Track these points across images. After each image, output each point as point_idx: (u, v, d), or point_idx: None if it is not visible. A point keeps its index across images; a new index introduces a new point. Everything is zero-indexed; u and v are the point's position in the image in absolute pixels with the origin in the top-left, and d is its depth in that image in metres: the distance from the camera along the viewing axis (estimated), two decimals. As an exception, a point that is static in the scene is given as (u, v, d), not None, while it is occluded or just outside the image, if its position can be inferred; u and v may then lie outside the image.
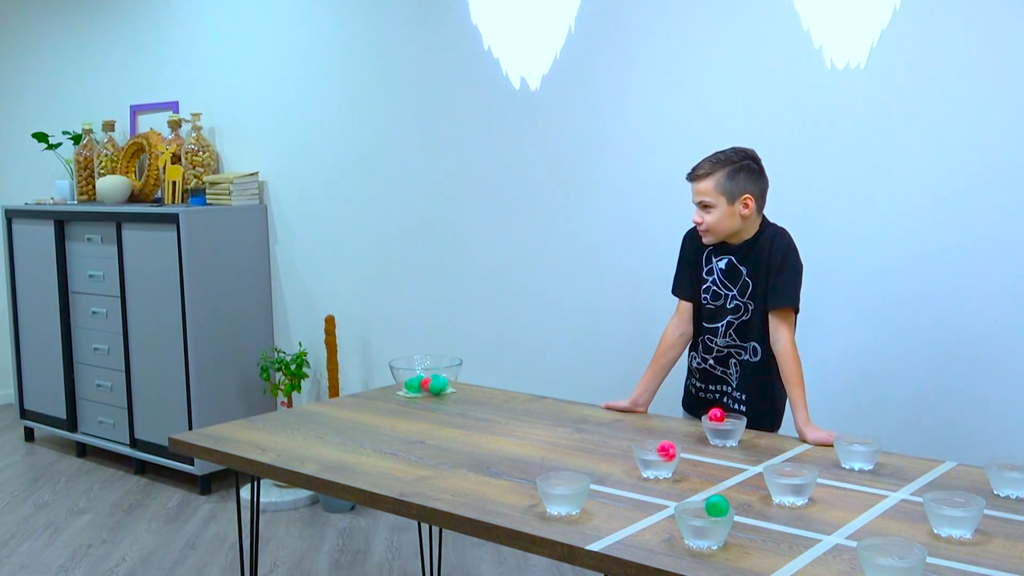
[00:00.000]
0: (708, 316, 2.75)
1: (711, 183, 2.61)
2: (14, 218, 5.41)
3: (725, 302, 2.69)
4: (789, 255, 2.63)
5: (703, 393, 2.81)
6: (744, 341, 2.68)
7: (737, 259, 2.67)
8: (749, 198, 2.61)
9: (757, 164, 2.65)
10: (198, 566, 3.75)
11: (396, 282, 4.45)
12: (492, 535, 1.97)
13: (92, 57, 5.69)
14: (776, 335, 2.60)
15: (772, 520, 1.94)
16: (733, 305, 2.68)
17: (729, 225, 2.63)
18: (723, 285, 2.70)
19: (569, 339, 3.90)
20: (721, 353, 2.73)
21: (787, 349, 2.58)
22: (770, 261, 2.62)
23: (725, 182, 2.60)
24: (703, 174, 2.63)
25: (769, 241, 2.64)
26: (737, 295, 2.67)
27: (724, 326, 2.70)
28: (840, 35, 2.23)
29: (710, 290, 2.73)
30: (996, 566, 1.71)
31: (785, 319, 2.60)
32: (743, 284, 2.66)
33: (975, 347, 2.96)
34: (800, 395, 2.54)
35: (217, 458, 2.58)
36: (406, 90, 4.31)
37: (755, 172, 2.64)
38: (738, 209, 2.61)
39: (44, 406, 5.37)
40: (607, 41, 3.64)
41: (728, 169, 2.61)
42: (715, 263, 2.72)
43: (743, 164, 2.62)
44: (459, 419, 2.80)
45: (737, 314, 2.68)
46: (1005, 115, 2.86)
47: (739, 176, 2.61)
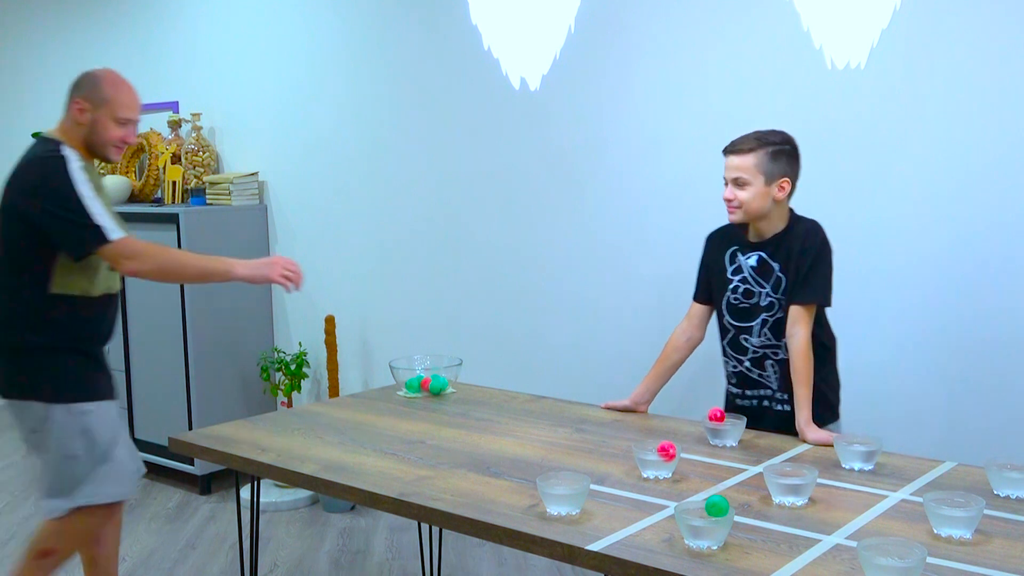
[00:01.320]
0: (740, 315, 2.67)
1: (752, 160, 2.55)
2: (14, 218, 5.41)
3: (759, 299, 2.62)
4: (824, 250, 2.58)
5: (742, 400, 2.72)
6: (780, 339, 2.61)
7: (768, 254, 2.61)
8: (787, 182, 2.56)
9: (796, 151, 2.60)
10: (198, 566, 3.75)
11: (396, 282, 4.45)
12: (492, 535, 1.97)
13: (92, 57, 5.69)
14: (794, 329, 2.54)
15: (772, 520, 1.95)
16: (767, 302, 2.61)
17: (760, 206, 2.57)
18: (755, 282, 2.63)
19: (569, 339, 3.90)
20: (757, 354, 2.66)
21: (802, 346, 2.52)
22: (803, 255, 2.56)
23: (767, 161, 2.54)
24: (746, 149, 2.56)
25: (803, 235, 2.58)
26: (771, 292, 2.60)
27: (759, 324, 2.63)
28: (840, 35, 2.23)
29: (740, 289, 2.66)
30: (996, 566, 1.71)
31: (807, 314, 2.54)
32: (776, 280, 2.60)
33: (975, 347, 2.96)
34: (805, 394, 2.52)
35: (217, 458, 2.58)
36: (406, 90, 4.31)
37: (794, 158, 2.59)
38: (773, 191, 2.55)
39: (44, 406, 5.36)
40: (607, 41, 3.64)
41: (772, 149, 2.55)
42: (743, 260, 2.65)
43: (785, 147, 2.57)
44: (459, 419, 2.80)
45: (772, 311, 2.61)
46: (1005, 115, 2.86)
47: (780, 158, 2.56)
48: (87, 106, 2.76)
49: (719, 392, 3.01)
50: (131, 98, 2.81)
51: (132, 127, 2.80)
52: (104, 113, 2.75)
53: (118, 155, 2.83)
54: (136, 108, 2.81)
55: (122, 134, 2.77)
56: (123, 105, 2.77)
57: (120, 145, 2.78)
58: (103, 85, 2.79)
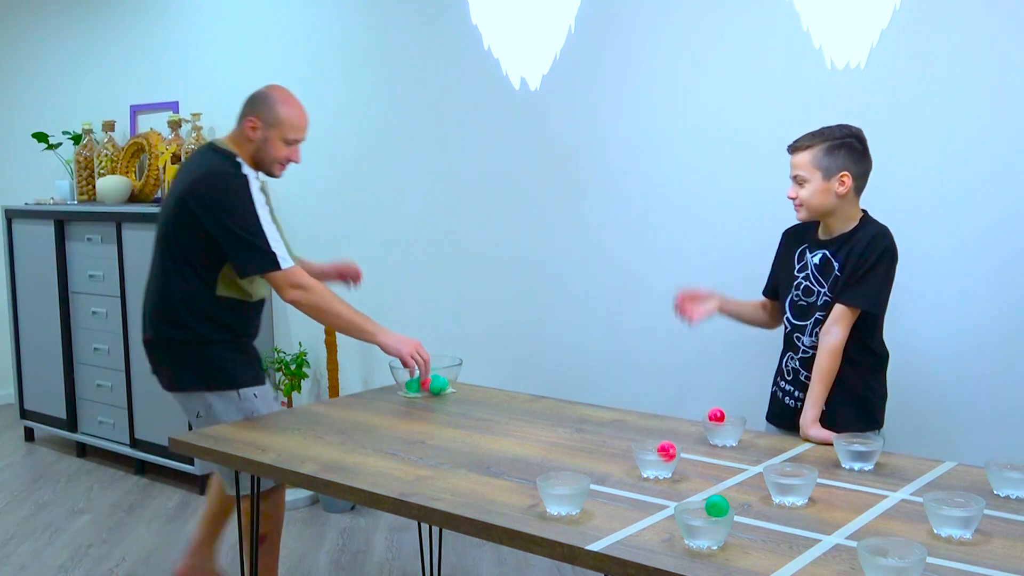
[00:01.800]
0: (799, 313, 2.66)
1: (807, 156, 2.54)
2: (14, 218, 5.41)
3: (816, 298, 2.60)
4: (884, 257, 2.53)
5: (791, 400, 2.70)
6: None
7: (831, 252, 2.58)
8: (846, 175, 2.52)
9: (861, 143, 2.56)
10: (200, 566, 3.75)
11: (396, 282, 4.45)
12: (492, 535, 1.97)
13: (92, 57, 5.69)
14: (832, 327, 2.51)
15: (772, 520, 1.94)
16: (823, 302, 2.59)
17: (822, 201, 2.55)
18: (816, 281, 2.61)
19: (569, 339, 3.90)
20: (807, 355, 2.64)
21: (834, 347, 2.50)
22: (863, 257, 2.52)
23: (822, 157, 2.53)
24: (802, 146, 2.56)
25: (868, 238, 2.54)
26: (828, 292, 2.58)
27: (812, 324, 2.62)
28: (840, 35, 2.23)
29: (802, 286, 2.64)
30: (996, 566, 1.71)
31: (849, 316, 2.51)
32: (834, 280, 2.57)
33: (975, 346, 2.96)
34: (819, 392, 2.51)
35: (217, 458, 2.58)
36: (406, 90, 4.31)
37: (857, 151, 2.55)
38: (833, 186, 2.53)
39: (44, 406, 5.37)
40: (607, 41, 3.64)
41: (827, 144, 2.53)
42: (809, 258, 2.64)
43: (845, 141, 2.54)
44: (459, 419, 2.80)
45: (826, 311, 2.57)
46: (1005, 114, 2.86)
47: (838, 152, 2.53)
48: (259, 124, 2.91)
49: (719, 392, 3.02)
50: (301, 119, 2.94)
51: (293, 146, 2.95)
52: (275, 133, 2.90)
53: (281, 172, 2.98)
54: (304, 128, 2.96)
55: (288, 153, 2.93)
56: (293, 127, 2.92)
57: (285, 163, 2.96)
58: (277, 106, 2.92)
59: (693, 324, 2.81)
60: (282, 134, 2.90)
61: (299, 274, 2.87)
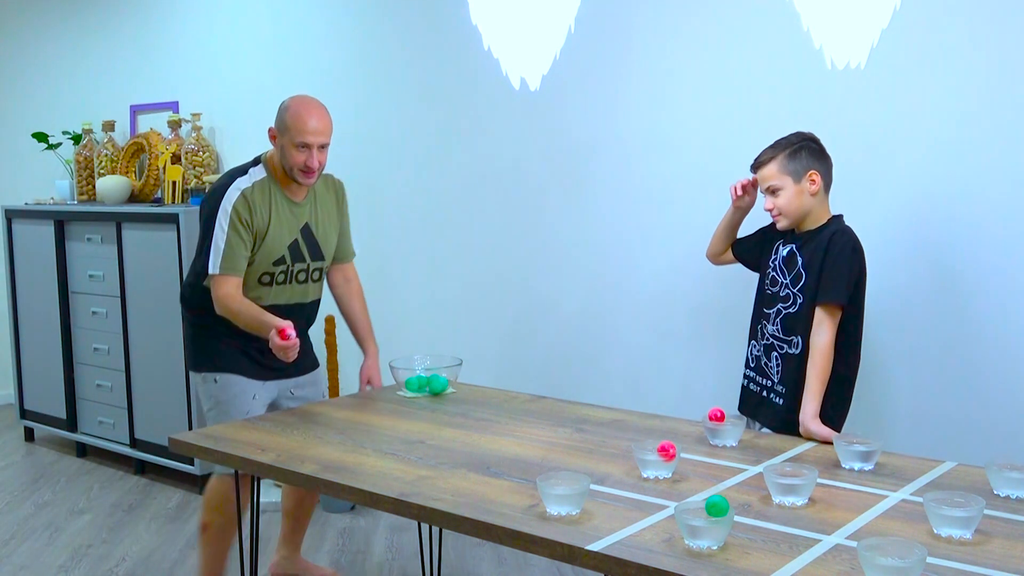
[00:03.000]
0: (765, 302, 2.77)
1: (774, 167, 2.66)
2: (14, 218, 5.41)
3: (779, 289, 2.71)
4: (845, 252, 2.61)
5: (753, 385, 2.81)
6: (788, 334, 2.68)
7: (797, 247, 2.70)
8: (815, 174, 2.64)
9: (817, 144, 2.69)
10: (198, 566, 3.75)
11: (396, 282, 4.45)
12: (492, 535, 1.97)
13: (92, 57, 5.69)
14: (818, 329, 2.58)
15: (772, 520, 1.94)
16: (784, 293, 2.69)
17: (800, 204, 2.66)
18: (781, 272, 2.72)
19: (569, 339, 3.90)
20: (767, 342, 2.75)
21: (823, 346, 2.56)
22: (826, 256, 2.61)
23: (788, 163, 2.64)
24: (765, 160, 2.68)
25: (830, 236, 2.64)
26: (790, 284, 2.69)
27: (774, 314, 2.72)
28: (840, 35, 2.23)
29: (769, 275, 2.76)
30: (996, 566, 1.71)
31: (829, 316, 2.58)
32: (796, 274, 2.68)
33: (975, 347, 2.96)
34: (816, 389, 2.55)
35: (217, 458, 2.58)
36: (406, 90, 4.31)
37: (816, 151, 2.68)
38: (806, 187, 2.64)
39: (44, 406, 5.37)
40: (607, 41, 3.64)
41: (788, 150, 2.66)
42: (781, 250, 2.75)
43: (803, 144, 2.67)
44: (459, 419, 2.80)
45: (787, 303, 2.69)
46: (1005, 115, 2.86)
47: (800, 155, 2.65)
48: (276, 133, 3.02)
49: (719, 392, 3.02)
50: (304, 123, 2.93)
51: (307, 150, 2.94)
52: (286, 139, 2.96)
53: (306, 179, 3.00)
54: (309, 132, 2.93)
55: (303, 158, 2.94)
56: (298, 131, 2.93)
57: (304, 169, 2.96)
58: (286, 113, 2.99)
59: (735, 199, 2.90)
60: (291, 139, 2.94)
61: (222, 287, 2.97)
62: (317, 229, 3.14)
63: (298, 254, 3.10)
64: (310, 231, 3.12)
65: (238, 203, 2.97)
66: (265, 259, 3.03)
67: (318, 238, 3.14)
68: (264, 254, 3.02)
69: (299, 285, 3.14)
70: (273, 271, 3.07)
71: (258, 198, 3.00)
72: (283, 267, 3.07)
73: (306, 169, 2.96)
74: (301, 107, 2.98)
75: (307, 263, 3.13)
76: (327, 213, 3.18)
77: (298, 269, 3.11)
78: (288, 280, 3.10)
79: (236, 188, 2.99)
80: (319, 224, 3.15)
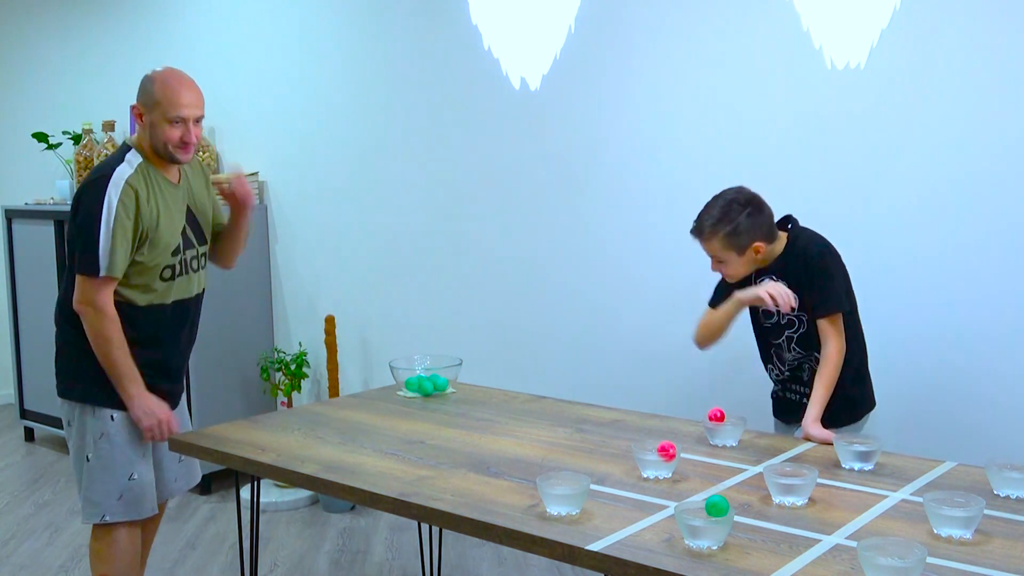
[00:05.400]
0: (769, 334, 2.74)
1: (717, 244, 2.59)
2: (14, 218, 5.41)
3: (779, 319, 2.68)
4: (824, 259, 2.61)
5: (791, 394, 2.79)
6: (808, 351, 2.67)
7: (775, 277, 2.64)
8: (759, 244, 2.59)
9: (754, 204, 2.59)
10: (198, 566, 3.75)
11: (396, 282, 4.45)
12: (492, 535, 1.97)
13: (92, 57, 5.69)
14: (826, 341, 2.58)
15: (772, 520, 1.94)
16: (786, 321, 2.67)
17: (747, 269, 2.64)
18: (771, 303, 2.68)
19: (569, 339, 3.90)
20: (793, 364, 2.73)
21: (831, 354, 2.56)
22: (809, 272, 2.59)
23: (729, 241, 2.58)
24: (707, 236, 2.60)
25: (802, 251, 2.62)
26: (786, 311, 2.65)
27: (786, 341, 2.70)
28: (840, 35, 2.23)
29: (760, 310, 2.71)
30: (996, 566, 1.71)
31: (833, 325, 2.58)
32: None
33: (975, 347, 2.96)
34: (822, 394, 2.55)
35: (217, 458, 2.58)
36: (406, 90, 4.31)
37: (755, 215, 2.58)
38: (750, 256, 2.61)
39: (44, 406, 5.36)
40: (607, 41, 3.64)
41: (728, 229, 2.56)
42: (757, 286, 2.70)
43: (741, 219, 2.56)
44: (459, 419, 2.80)
45: (793, 328, 2.67)
46: (1004, 115, 2.86)
47: (739, 231, 2.57)
48: (142, 109, 2.75)
49: (720, 393, 3.02)
50: (177, 95, 2.70)
51: (181, 126, 2.70)
52: (157, 115, 2.70)
53: (184, 155, 2.74)
54: (183, 105, 2.70)
55: (179, 133, 2.70)
56: (171, 103, 2.69)
57: (181, 145, 2.72)
58: (152, 86, 2.73)
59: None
60: (164, 114, 2.68)
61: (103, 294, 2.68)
62: (197, 210, 2.87)
63: (188, 240, 2.84)
64: (192, 214, 2.85)
65: (124, 195, 2.65)
66: (164, 251, 2.75)
67: (199, 220, 2.88)
68: (163, 246, 2.74)
69: (194, 274, 2.88)
70: (173, 263, 2.79)
71: (143, 186, 2.69)
72: (180, 257, 2.81)
73: (183, 144, 2.71)
74: (171, 79, 2.73)
75: (196, 248, 2.87)
76: (200, 193, 2.91)
77: (190, 256, 2.85)
78: (184, 271, 2.83)
79: (119, 178, 2.67)
80: (197, 205, 2.88)
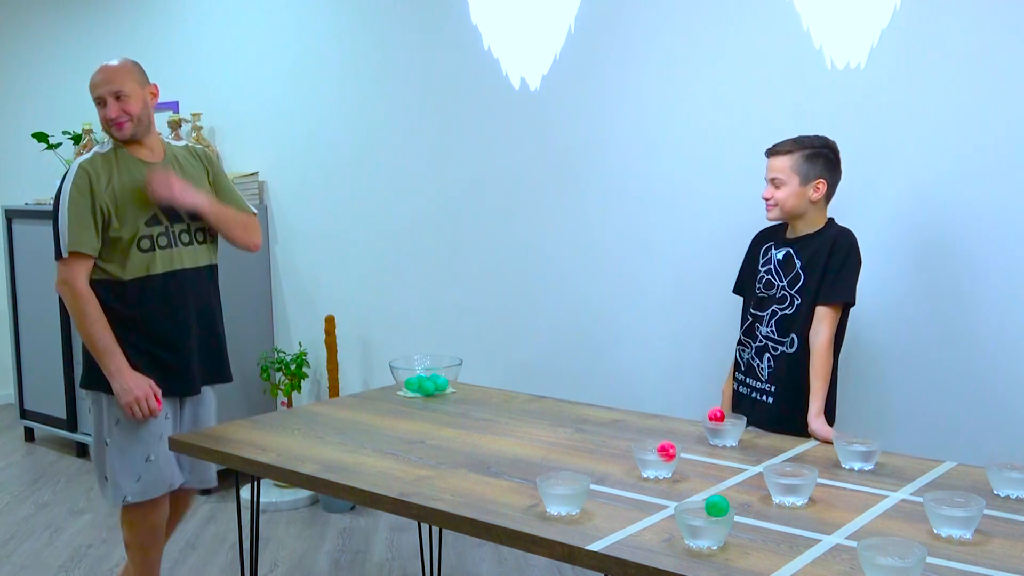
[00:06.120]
0: (759, 304, 2.79)
1: (788, 161, 2.66)
2: (14, 218, 5.41)
3: (775, 291, 2.72)
4: (852, 254, 2.65)
5: (743, 388, 2.83)
6: (783, 335, 2.71)
7: (794, 250, 2.71)
8: (822, 182, 2.66)
9: (835, 155, 2.70)
10: (198, 566, 3.75)
11: (396, 282, 4.45)
12: (492, 535, 1.97)
13: (93, 57, 5.66)
14: (817, 328, 2.62)
15: (772, 520, 1.95)
16: (781, 295, 2.71)
17: (796, 204, 2.67)
18: (777, 275, 2.73)
19: (569, 339, 3.90)
20: (760, 343, 2.76)
21: (823, 344, 2.60)
22: (830, 258, 2.64)
23: (802, 163, 2.65)
24: (783, 151, 2.68)
25: (832, 239, 2.67)
26: (787, 286, 2.70)
27: (768, 315, 2.73)
28: (840, 35, 2.23)
29: (763, 279, 2.77)
30: (996, 566, 1.71)
31: (830, 315, 2.62)
32: (795, 275, 2.69)
33: (975, 347, 2.96)
34: (819, 387, 2.58)
35: (217, 458, 2.58)
36: (406, 90, 4.31)
37: (832, 161, 2.69)
38: (808, 192, 2.66)
39: (44, 406, 5.37)
40: (607, 41, 3.64)
41: (808, 151, 2.66)
42: (774, 253, 2.77)
43: (823, 151, 2.67)
44: (459, 419, 2.80)
45: (783, 304, 2.70)
46: (1005, 115, 2.86)
47: (817, 160, 2.66)
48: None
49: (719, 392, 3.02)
50: (92, 81, 2.93)
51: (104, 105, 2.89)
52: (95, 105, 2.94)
53: (119, 132, 2.91)
54: (97, 85, 2.91)
55: (103, 114, 2.90)
56: (91, 89, 2.93)
57: (109, 122, 2.90)
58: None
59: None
60: (93, 101, 2.92)
61: (74, 271, 2.84)
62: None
63: (174, 213, 2.92)
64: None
65: (76, 178, 2.85)
66: (133, 223, 2.86)
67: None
68: (131, 218, 2.86)
69: (185, 247, 2.96)
70: (151, 233, 2.90)
71: (99, 165, 2.88)
72: (160, 228, 2.91)
73: (110, 122, 2.88)
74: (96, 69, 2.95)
75: (186, 222, 2.96)
76: (192, 176, 2.99)
77: (179, 229, 2.95)
78: (172, 243, 2.93)
79: (75, 165, 2.90)
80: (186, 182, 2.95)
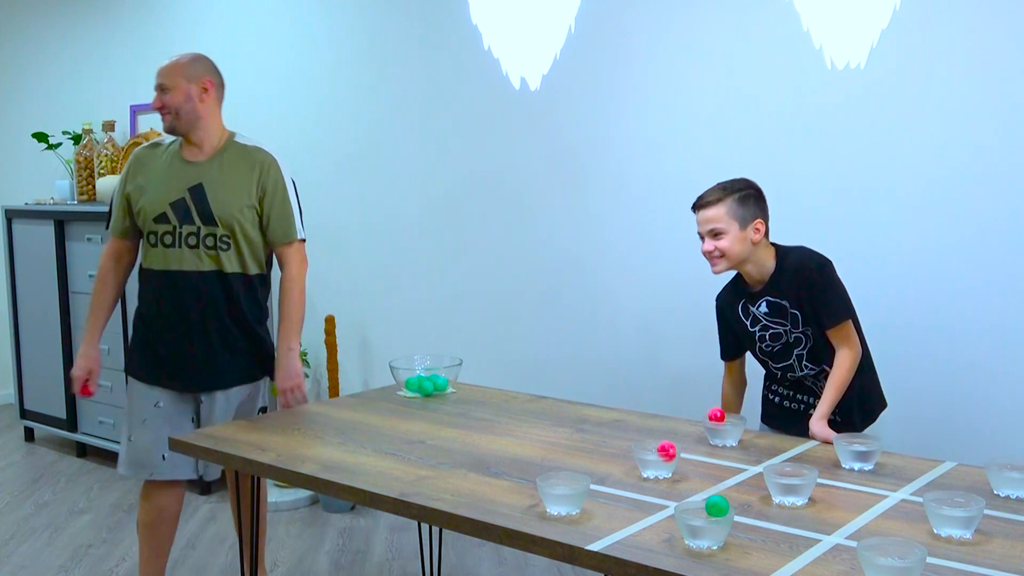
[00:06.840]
0: (777, 357, 2.72)
1: (722, 208, 2.59)
2: (14, 218, 5.41)
3: (787, 338, 2.67)
4: (824, 272, 2.61)
5: (791, 403, 2.78)
6: (819, 364, 2.68)
7: (773, 296, 2.65)
8: (760, 222, 2.61)
9: (761, 193, 2.65)
10: (198, 566, 3.75)
11: (396, 282, 4.45)
12: (492, 535, 1.97)
13: (92, 57, 5.69)
14: (840, 349, 2.58)
15: (772, 520, 1.94)
16: (794, 339, 2.66)
17: (740, 250, 2.61)
18: (777, 324, 2.67)
19: (569, 339, 3.90)
20: (805, 382, 2.73)
21: (843, 361, 2.57)
22: (804, 287, 2.59)
23: (737, 207, 2.59)
24: (713, 200, 2.61)
25: (796, 267, 2.62)
26: (792, 328, 2.65)
27: (796, 360, 2.69)
28: (840, 35, 2.23)
29: (766, 336, 2.70)
30: (996, 566, 1.71)
31: (843, 334, 2.58)
32: (792, 317, 2.64)
33: (975, 347, 2.96)
34: (834, 397, 2.56)
35: (217, 458, 2.58)
36: (406, 90, 4.31)
37: (761, 199, 2.65)
38: (749, 235, 2.60)
39: (44, 406, 5.37)
40: (607, 41, 3.64)
41: (738, 195, 2.60)
42: (755, 311, 2.70)
43: (750, 192, 2.62)
44: (459, 419, 2.80)
45: (801, 345, 2.66)
46: (1004, 115, 2.86)
47: (748, 202, 2.61)
48: None
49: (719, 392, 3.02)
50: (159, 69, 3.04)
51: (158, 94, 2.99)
52: None
53: (162, 123, 3.04)
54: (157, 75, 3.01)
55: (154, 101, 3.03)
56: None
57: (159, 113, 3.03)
58: None
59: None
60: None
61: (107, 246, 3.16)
62: (211, 192, 2.95)
63: (186, 214, 2.94)
64: (202, 192, 2.94)
65: (127, 163, 3.09)
66: (145, 213, 2.97)
67: (210, 200, 2.94)
68: (145, 213, 2.97)
69: (191, 250, 2.95)
70: (157, 230, 2.96)
71: (148, 155, 3.06)
72: (167, 227, 2.94)
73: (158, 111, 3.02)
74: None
75: (197, 226, 2.94)
76: (233, 181, 2.98)
77: (187, 232, 2.94)
78: (177, 243, 2.95)
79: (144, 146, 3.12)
80: (216, 187, 2.95)
